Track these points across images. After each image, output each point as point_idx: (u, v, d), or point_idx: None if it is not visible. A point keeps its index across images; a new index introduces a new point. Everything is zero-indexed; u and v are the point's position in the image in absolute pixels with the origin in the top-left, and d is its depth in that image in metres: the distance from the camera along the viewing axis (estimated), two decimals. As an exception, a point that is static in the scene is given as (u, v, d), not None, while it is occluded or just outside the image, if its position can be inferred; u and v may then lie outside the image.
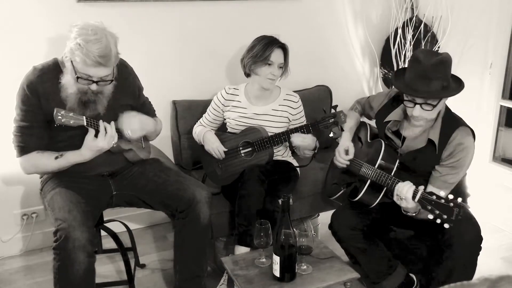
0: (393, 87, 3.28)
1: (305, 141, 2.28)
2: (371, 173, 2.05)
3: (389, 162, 2.04)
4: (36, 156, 1.92)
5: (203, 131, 2.49)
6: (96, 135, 1.89)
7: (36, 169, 1.97)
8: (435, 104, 1.87)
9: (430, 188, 1.96)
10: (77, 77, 1.81)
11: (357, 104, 2.43)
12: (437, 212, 1.75)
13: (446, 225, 1.73)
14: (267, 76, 2.35)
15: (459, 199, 1.73)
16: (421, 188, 1.85)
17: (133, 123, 2.01)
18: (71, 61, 1.81)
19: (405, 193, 1.85)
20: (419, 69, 1.85)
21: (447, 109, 2.02)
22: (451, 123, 1.97)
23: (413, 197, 1.83)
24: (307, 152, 2.39)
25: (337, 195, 2.29)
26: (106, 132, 1.89)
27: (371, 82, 3.48)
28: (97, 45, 1.75)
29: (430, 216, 1.77)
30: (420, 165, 2.01)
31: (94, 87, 1.85)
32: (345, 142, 2.26)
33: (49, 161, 1.92)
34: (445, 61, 1.87)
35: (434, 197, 1.77)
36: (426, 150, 1.98)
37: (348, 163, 2.23)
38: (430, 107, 1.87)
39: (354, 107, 2.44)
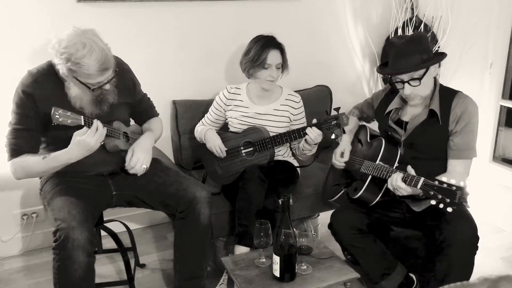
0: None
1: (319, 138, 2.25)
2: (372, 169, 2.06)
3: (390, 158, 2.05)
4: (25, 158, 1.88)
5: (205, 129, 2.49)
6: None
7: (25, 171, 1.90)
8: (420, 78, 1.93)
9: (450, 164, 2.00)
10: (93, 89, 1.84)
11: (354, 109, 2.48)
12: (440, 196, 1.75)
13: (449, 209, 1.74)
14: (266, 78, 2.35)
15: (461, 183, 1.74)
16: (410, 169, 1.87)
17: (139, 158, 2.01)
18: (76, 78, 1.81)
19: (395, 182, 1.89)
20: (395, 50, 1.96)
21: (442, 85, 2.06)
22: (449, 93, 2.03)
23: (415, 185, 1.83)
24: (308, 148, 2.35)
25: (337, 196, 2.29)
26: (96, 128, 1.84)
27: (371, 82, 3.48)
28: (93, 56, 1.74)
29: (433, 202, 1.78)
30: (426, 139, 2.02)
31: (107, 86, 1.88)
32: (343, 145, 2.30)
33: (37, 161, 1.86)
34: (417, 36, 1.99)
35: (436, 182, 1.77)
36: (429, 122, 2.02)
37: (344, 165, 2.27)
38: (417, 82, 1.93)
39: (352, 112, 2.48)
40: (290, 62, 2.46)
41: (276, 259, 1.78)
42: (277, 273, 1.80)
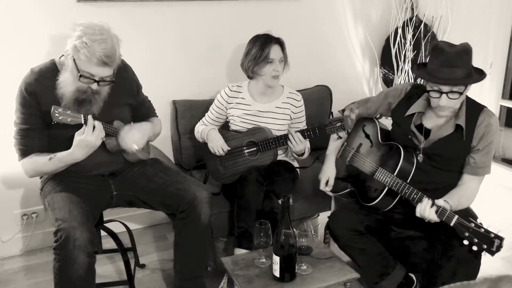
0: (396, 83, 3.28)
1: (298, 147, 2.28)
2: (390, 181, 2.00)
3: (406, 171, 2.00)
4: (34, 158, 1.92)
5: (207, 129, 2.48)
6: None
7: (35, 171, 1.96)
8: (462, 92, 1.87)
9: (465, 178, 1.99)
10: (80, 75, 1.81)
11: (354, 108, 2.30)
12: (476, 240, 1.72)
13: (484, 253, 1.73)
14: (271, 74, 2.36)
15: (500, 233, 1.71)
16: (440, 201, 1.84)
17: (133, 136, 2.00)
18: (74, 59, 1.81)
19: (427, 215, 1.85)
20: (443, 58, 1.85)
21: (468, 97, 2.02)
22: (475, 107, 1.99)
23: (448, 221, 1.80)
24: (295, 156, 2.43)
25: (342, 193, 2.28)
26: (94, 127, 1.84)
27: (371, 82, 3.48)
28: (103, 45, 1.77)
29: (465, 242, 1.75)
30: (447, 152, 1.99)
31: (95, 86, 1.85)
32: (327, 172, 2.30)
33: (45, 162, 1.90)
34: (469, 49, 1.89)
35: (473, 224, 1.74)
36: (454, 136, 1.98)
37: (330, 194, 2.31)
38: (456, 95, 1.86)
39: (349, 109, 2.29)
40: (291, 62, 2.46)
41: (276, 259, 1.78)
42: (277, 273, 1.80)
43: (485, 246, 1.71)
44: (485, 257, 1.93)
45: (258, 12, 2.96)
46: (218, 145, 2.41)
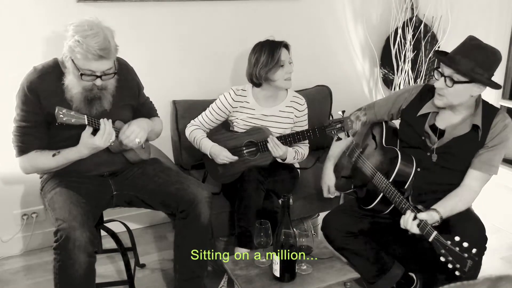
0: (396, 83, 3.28)
1: (276, 152, 2.30)
2: (384, 187, 2.00)
3: (404, 176, 1.99)
4: (35, 155, 1.92)
5: (208, 146, 2.40)
6: (94, 133, 1.88)
7: (35, 168, 1.96)
8: (457, 81, 1.85)
9: (469, 174, 1.98)
10: (81, 74, 1.82)
11: (361, 116, 2.25)
12: (450, 258, 1.73)
13: (457, 273, 1.73)
14: (283, 77, 2.35)
15: (474, 250, 1.71)
16: (421, 215, 1.85)
17: (134, 130, 2.00)
18: (72, 60, 1.81)
19: (410, 226, 1.86)
20: (461, 46, 1.92)
21: (484, 100, 2.02)
22: (491, 109, 2.00)
23: (427, 236, 1.81)
24: (278, 160, 2.42)
25: (349, 191, 2.28)
26: (104, 131, 1.87)
27: (371, 82, 3.48)
28: (95, 39, 1.77)
29: (442, 259, 1.76)
30: (461, 152, 1.99)
31: (98, 82, 1.86)
32: (327, 180, 2.32)
33: (47, 159, 1.91)
34: (490, 50, 1.88)
35: (449, 242, 1.74)
36: (469, 136, 1.97)
37: (337, 193, 2.33)
38: (450, 83, 1.87)
39: (356, 116, 2.25)
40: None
41: (276, 259, 1.79)
42: (277, 273, 1.81)
43: (458, 266, 1.72)
44: (485, 257, 1.94)
45: (258, 12, 2.96)
46: (224, 156, 2.36)
